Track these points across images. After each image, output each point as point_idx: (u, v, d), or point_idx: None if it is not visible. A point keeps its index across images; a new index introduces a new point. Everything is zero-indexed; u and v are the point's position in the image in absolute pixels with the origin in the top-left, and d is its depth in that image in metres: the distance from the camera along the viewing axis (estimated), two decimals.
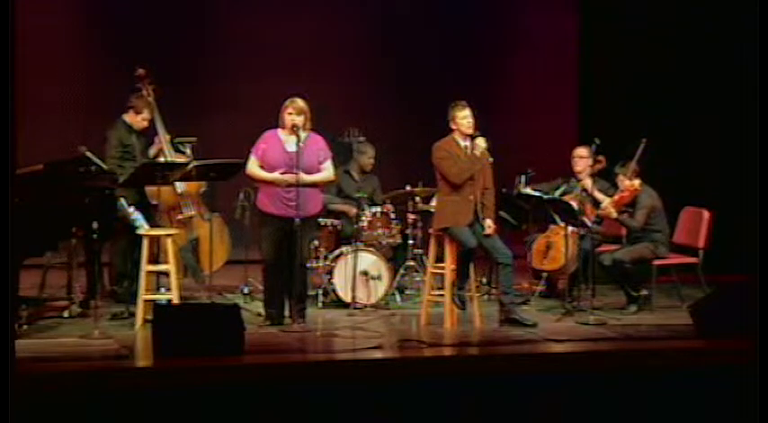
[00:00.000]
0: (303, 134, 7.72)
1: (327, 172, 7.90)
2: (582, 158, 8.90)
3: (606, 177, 8.91)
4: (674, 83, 10.75)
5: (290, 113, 7.77)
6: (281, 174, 7.71)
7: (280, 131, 7.84)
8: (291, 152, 7.74)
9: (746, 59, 9.26)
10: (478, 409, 6.41)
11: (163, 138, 8.52)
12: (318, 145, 7.87)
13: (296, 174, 7.66)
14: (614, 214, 8.48)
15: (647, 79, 10.81)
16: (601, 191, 8.74)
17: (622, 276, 8.51)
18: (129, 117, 8.42)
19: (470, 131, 7.92)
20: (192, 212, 8.65)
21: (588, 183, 8.74)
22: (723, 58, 10.46)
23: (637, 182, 8.52)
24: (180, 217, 8.57)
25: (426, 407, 6.35)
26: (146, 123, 8.44)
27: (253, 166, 7.81)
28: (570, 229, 8.49)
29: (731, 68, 10.32)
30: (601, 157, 8.76)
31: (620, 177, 8.57)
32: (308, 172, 7.75)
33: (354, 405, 6.25)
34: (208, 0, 11.39)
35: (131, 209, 7.76)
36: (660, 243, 8.59)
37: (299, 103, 7.80)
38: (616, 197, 8.53)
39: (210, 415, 6.07)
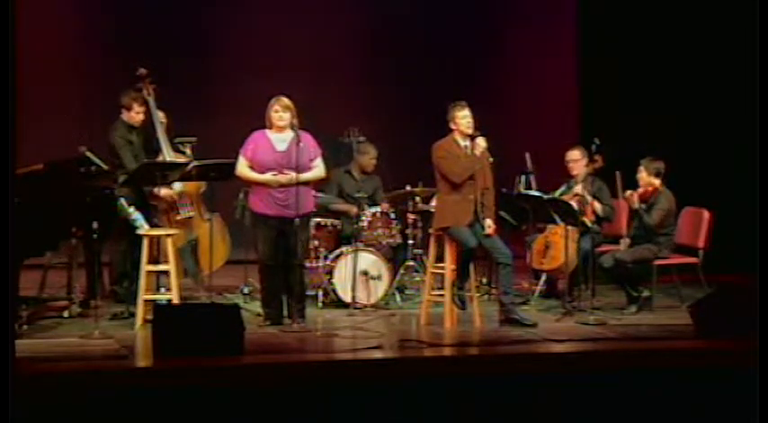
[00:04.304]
0: (292, 132, 7.72)
1: (319, 170, 7.89)
2: (576, 162, 8.86)
3: (604, 177, 8.89)
4: (673, 82, 10.75)
5: (277, 111, 7.76)
6: (275, 174, 7.71)
7: (268, 132, 7.83)
8: (281, 152, 7.73)
9: (746, 59, 9.27)
10: (478, 409, 6.41)
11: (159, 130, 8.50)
12: (309, 143, 7.86)
13: (292, 173, 7.65)
14: (636, 205, 8.49)
15: (647, 79, 10.81)
16: (596, 196, 8.71)
17: (623, 276, 8.51)
18: (125, 116, 8.42)
19: (470, 131, 7.92)
20: (191, 213, 8.64)
21: (580, 188, 8.68)
22: (723, 58, 10.46)
23: (657, 181, 8.55)
24: (178, 218, 8.57)
25: (426, 407, 6.35)
26: (141, 116, 8.41)
27: (243, 168, 7.79)
28: (569, 228, 8.49)
29: (731, 68, 10.32)
30: (597, 156, 8.76)
31: (641, 168, 8.58)
32: (300, 170, 7.72)
33: (354, 405, 6.25)
34: (208, 0, 11.39)
35: (131, 209, 7.76)
36: (663, 246, 8.59)
37: (284, 100, 7.79)
38: (641, 190, 8.54)
39: (210, 415, 6.07)
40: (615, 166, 8.72)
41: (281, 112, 7.75)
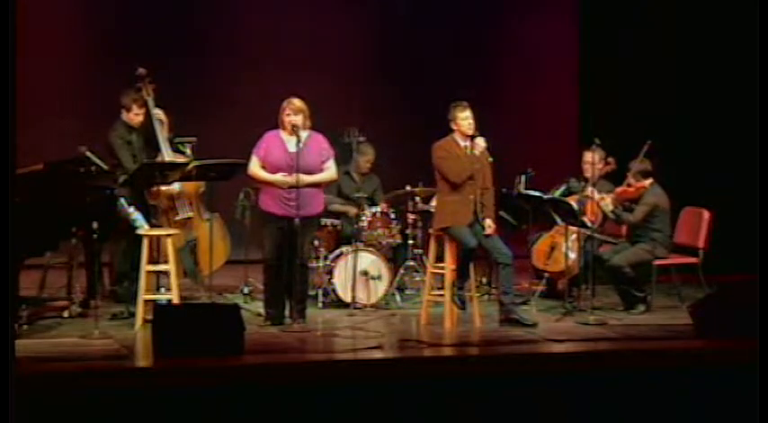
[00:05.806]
0: (304, 134, 7.72)
1: (330, 171, 7.89)
2: (592, 165, 8.82)
3: (613, 179, 8.88)
4: (674, 82, 10.75)
5: (288, 114, 7.77)
6: (285, 175, 7.71)
7: (281, 132, 7.83)
8: (294, 153, 7.73)
9: (746, 59, 9.28)
10: (478, 409, 6.41)
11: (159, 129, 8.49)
12: (321, 144, 7.86)
13: (296, 174, 7.65)
14: (610, 207, 8.46)
15: (647, 79, 10.81)
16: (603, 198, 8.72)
17: (623, 281, 8.48)
18: (124, 116, 8.44)
19: (471, 132, 7.93)
20: (189, 214, 8.62)
21: (591, 190, 8.68)
22: (724, 57, 10.46)
23: (647, 181, 8.52)
24: (177, 218, 8.56)
25: (426, 407, 6.35)
26: (141, 117, 8.43)
27: (255, 167, 7.81)
28: (574, 232, 8.48)
29: (731, 68, 10.32)
30: (611, 159, 8.75)
31: (629, 175, 8.57)
32: (311, 172, 7.74)
33: (354, 405, 6.25)
34: (208, 0, 11.39)
35: (131, 209, 7.76)
36: (659, 244, 8.57)
37: (296, 102, 7.80)
38: (619, 190, 8.51)
39: (210, 415, 6.07)
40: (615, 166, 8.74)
41: (292, 115, 7.76)
